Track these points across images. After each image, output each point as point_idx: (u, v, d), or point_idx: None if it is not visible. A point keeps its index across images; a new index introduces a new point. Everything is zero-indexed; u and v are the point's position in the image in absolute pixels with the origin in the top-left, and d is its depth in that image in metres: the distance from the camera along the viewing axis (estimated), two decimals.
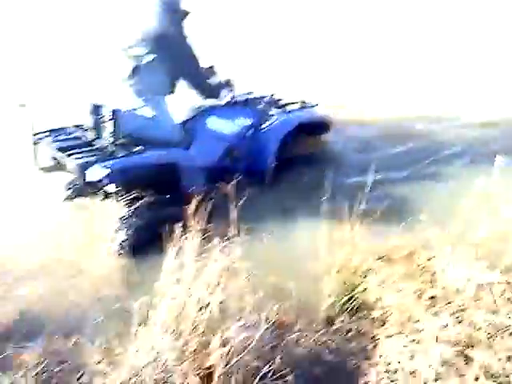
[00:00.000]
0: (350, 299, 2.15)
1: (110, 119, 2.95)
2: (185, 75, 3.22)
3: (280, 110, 3.81)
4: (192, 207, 2.01)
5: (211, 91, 3.41)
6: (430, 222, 2.28)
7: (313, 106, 3.99)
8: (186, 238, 1.94)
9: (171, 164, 3.11)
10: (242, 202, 2.07)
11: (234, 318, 1.86)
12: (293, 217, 3.18)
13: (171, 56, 3.11)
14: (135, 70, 3.13)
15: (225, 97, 3.51)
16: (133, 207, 3.04)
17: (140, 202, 3.05)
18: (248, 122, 3.58)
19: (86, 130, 3.19)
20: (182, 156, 3.19)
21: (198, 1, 3.46)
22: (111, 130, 2.95)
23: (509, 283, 2.09)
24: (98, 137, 3.06)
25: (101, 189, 3.21)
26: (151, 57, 3.10)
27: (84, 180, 2.84)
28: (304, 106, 3.94)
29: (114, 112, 2.94)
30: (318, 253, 2.19)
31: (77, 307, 2.26)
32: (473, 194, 2.25)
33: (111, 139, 2.96)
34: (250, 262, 2.01)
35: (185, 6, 3.22)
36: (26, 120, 2.92)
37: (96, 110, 3.03)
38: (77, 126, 3.29)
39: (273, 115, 3.69)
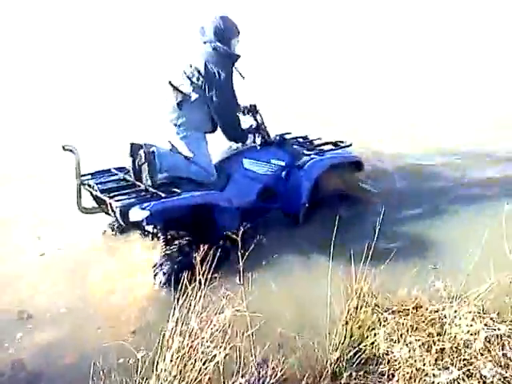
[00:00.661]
0: (357, 353, 2.11)
1: (145, 161, 3.05)
2: (218, 117, 3.30)
3: (313, 150, 3.85)
4: (200, 255, 2.01)
5: (239, 137, 3.51)
6: (438, 271, 2.27)
7: (346, 146, 3.98)
8: (193, 288, 1.93)
9: (207, 205, 3.19)
10: (249, 250, 2.08)
11: (239, 372, 1.84)
12: (302, 265, 3.17)
13: (213, 96, 3.20)
14: (179, 106, 3.23)
15: (256, 139, 3.61)
16: (169, 248, 3.13)
17: (176, 242, 3.16)
18: (282, 162, 3.66)
19: (127, 172, 3.27)
20: (218, 197, 3.28)
21: None
22: (147, 171, 3.06)
23: None
24: (138, 178, 3.15)
25: (141, 229, 3.33)
26: (196, 95, 3.20)
27: (125, 221, 2.93)
28: (337, 146, 3.96)
29: (146, 154, 3.05)
30: (325, 304, 2.16)
31: (85, 358, 2.22)
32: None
33: (149, 181, 3.07)
34: (256, 313, 1.99)
35: (238, 50, 3.33)
36: (71, 163, 3.00)
37: (134, 151, 3.12)
38: (119, 169, 3.38)
39: (306, 155, 3.75)
